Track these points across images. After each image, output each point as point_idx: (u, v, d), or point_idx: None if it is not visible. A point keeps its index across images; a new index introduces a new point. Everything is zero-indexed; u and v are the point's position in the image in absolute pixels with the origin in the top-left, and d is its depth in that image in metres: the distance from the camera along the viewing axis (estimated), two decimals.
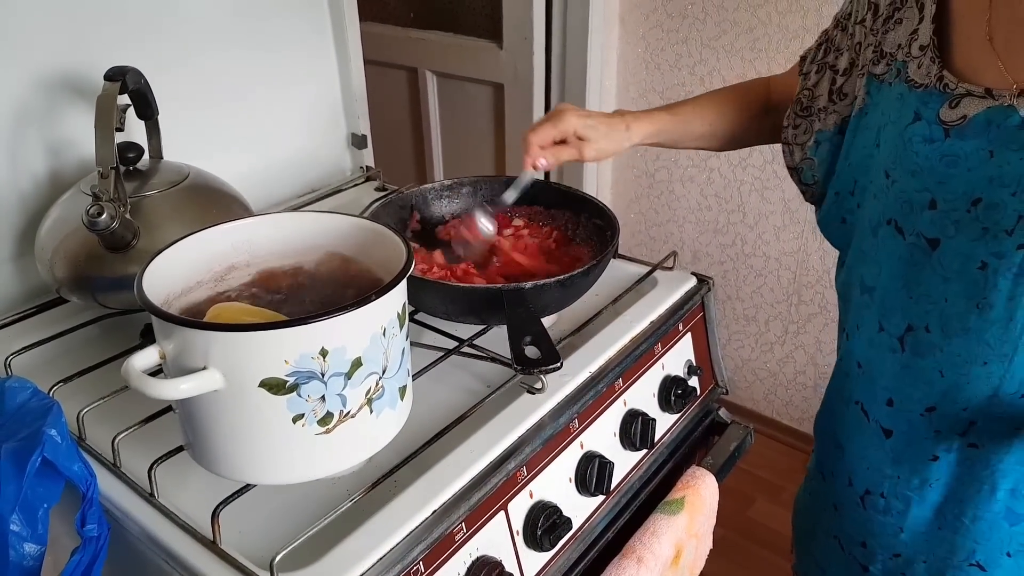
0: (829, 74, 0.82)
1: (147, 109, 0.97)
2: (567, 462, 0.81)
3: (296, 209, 1.24)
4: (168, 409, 0.73)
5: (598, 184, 2.25)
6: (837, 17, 0.82)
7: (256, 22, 1.20)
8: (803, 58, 0.86)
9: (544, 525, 0.76)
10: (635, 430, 0.88)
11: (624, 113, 0.93)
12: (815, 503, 0.94)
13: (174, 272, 0.67)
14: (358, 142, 1.42)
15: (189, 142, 1.06)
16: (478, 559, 0.70)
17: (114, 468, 0.72)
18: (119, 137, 0.84)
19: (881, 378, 0.77)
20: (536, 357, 0.71)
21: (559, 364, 0.70)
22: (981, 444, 0.72)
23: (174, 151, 1.02)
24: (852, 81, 0.80)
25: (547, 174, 2.28)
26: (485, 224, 0.96)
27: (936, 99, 0.68)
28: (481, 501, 0.70)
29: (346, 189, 1.34)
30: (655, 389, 0.94)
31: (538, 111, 2.19)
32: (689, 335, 1.00)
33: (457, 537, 0.68)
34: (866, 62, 0.76)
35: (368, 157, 1.44)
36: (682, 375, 0.98)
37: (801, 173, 0.89)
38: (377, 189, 1.34)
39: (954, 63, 0.68)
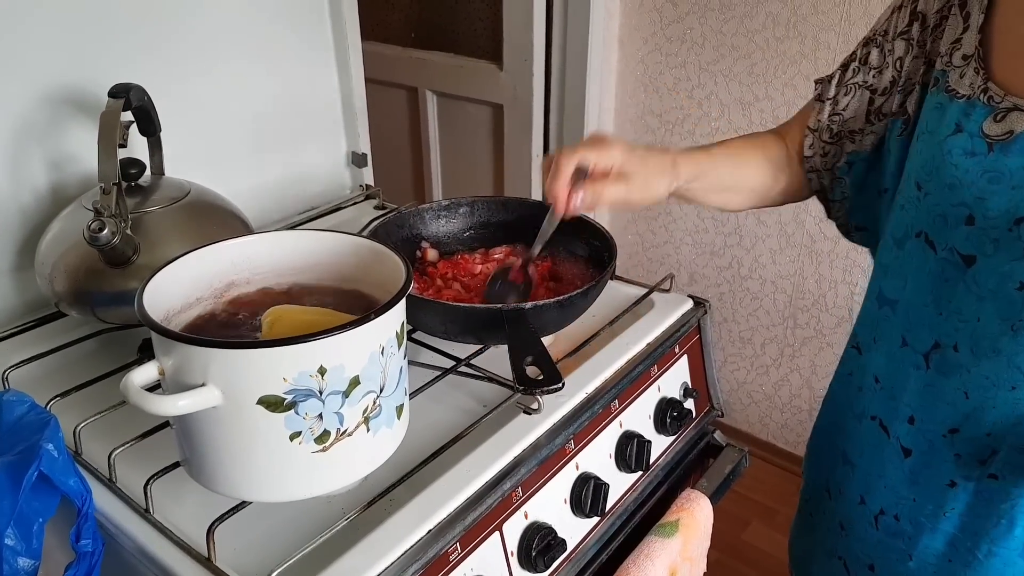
0: (866, 95, 0.79)
1: (150, 126, 0.98)
2: (562, 483, 0.81)
3: (296, 226, 1.25)
4: (164, 425, 0.73)
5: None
6: (868, 37, 0.80)
7: (259, 40, 1.21)
8: (821, 83, 0.84)
9: (539, 546, 0.75)
10: (630, 452, 0.88)
11: (665, 149, 0.83)
12: (818, 522, 0.92)
13: (174, 288, 0.67)
14: (358, 160, 1.43)
15: (190, 159, 1.06)
16: None
17: (110, 483, 0.72)
18: (122, 153, 0.84)
19: (903, 394, 0.75)
20: (538, 377, 0.71)
21: (561, 384, 0.70)
22: (1002, 476, 0.70)
23: (175, 168, 1.02)
24: (892, 100, 0.77)
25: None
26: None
27: (980, 111, 0.66)
28: (476, 521, 0.70)
29: (345, 207, 1.35)
30: (651, 411, 0.94)
31: (537, 132, 2.21)
32: (685, 357, 1.00)
33: (452, 557, 0.68)
34: (912, 75, 0.75)
35: (368, 175, 1.45)
36: (678, 397, 0.99)
37: (830, 192, 0.87)
38: (376, 207, 1.34)
39: (996, 75, 0.66)
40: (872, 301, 0.79)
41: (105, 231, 0.78)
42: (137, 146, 0.98)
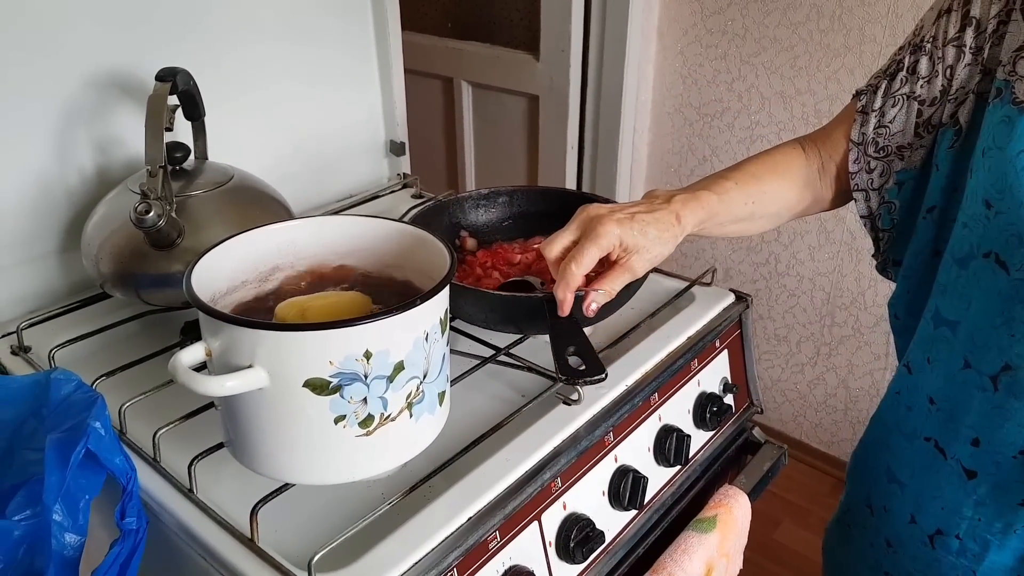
0: (914, 106, 0.75)
1: (195, 110, 0.98)
2: (601, 475, 0.80)
3: (336, 213, 1.25)
4: (208, 406, 0.74)
5: (630, 198, 2.25)
6: (914, 44, 0.76)
7: (302, 29, 1.22)
8: (862, 92, 0.80)
9: (577, 537, 0.75)
10: (669, 446, 0.87)
11: (669, 200, 0.76)
12: (857, 535, 0.90)
13: (221, 271, 0.68)
14: (396, 149, 1.43)
15: (233, 144, 1.07)
16: (511, 568, 0.70)
17: (154, 462, 0.72)
18: (167, 137, 0.85)
19: (965, 416, 0.73)
20: (580, 368, 0.71)
21: (604, 375, 0.69)
22: None
23: (218, 152, 1.03)
24: (942, 110, 0.74)
25: (579, 183, 2.29)
26: None
27: None
28: (515, 511, 0.70)
29: (383, 196, 1.35)
30: (690, 405, 0.93)
31: (573, 124, 2.19)
32: (726, 352, 0.99)
33: (491, 545, 0.68)
34: (964, 84, 0.72)
35: (405, 164, 1.45)
36: (718, 392, 0.97)
37: (878, 219, 0.82)
38: (414, 196, 1.34)
39: None
40: (927, 321, 0.76)
41: (151, 213, 0.79)
42: (181, 130, 0.99)
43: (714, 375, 0.97)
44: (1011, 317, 0.67)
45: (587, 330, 0.92)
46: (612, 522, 0.81)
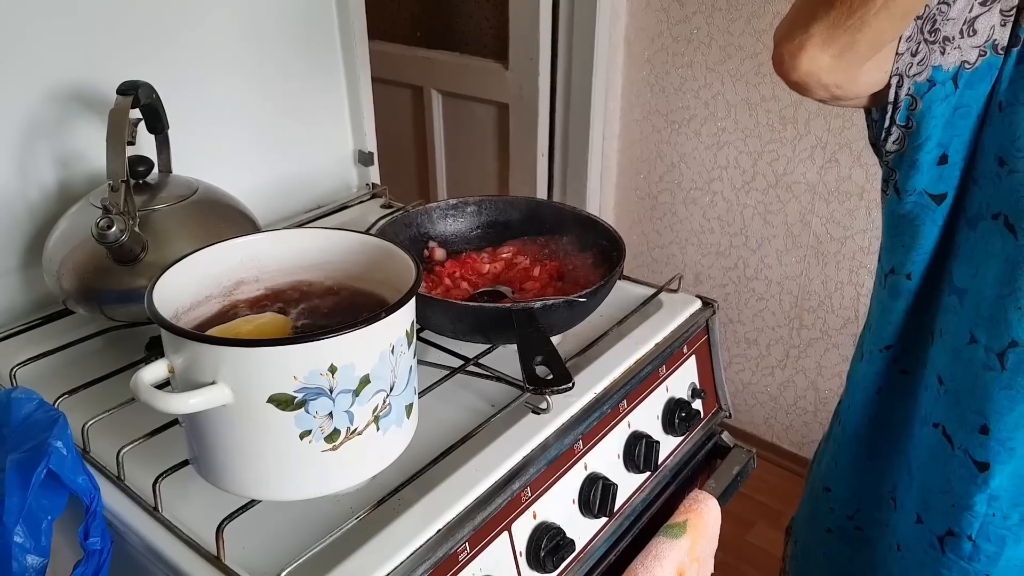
0: None
1: (158, 123, 0.98)
2: (571, 483, 0.81)
3: (302, 225, 1.25)
4: (173, 423, 0.73)
5: (601, 205, 2.26)
6: None
7: (267, 38, 1.21)
8: None
9: (547, 547, 0.75)
10: (639, 452, 0.88)
11: None
12: (877, 538, 0.84)
13: (184, 286, 0.67)
14: (365, 159, 1.42)
15: (198, 157, 1.06)
16: None
17: (118, 481, 0.71)
18: (130, 151, 0.84)
19: (971, 400, 0.68)
20: (548, 377, 0.71)
21: (571, 384, 0.70)
22: None
23: (183, 166, 1.02)
24: (987, 19, 0.64)
25: (550, 191, 2.30)
26: None
27: None
28: (485, 521, 0.70)
29: (352, 206, 1.34)
30: (659, 411, 0.94)
31: (542, 132, 2.20)
32: (693, 358, 1.00)
33: (461, 557, 0.68)
34: (1009, 8, 0.63)
35: (374, 174, 1.45)
36: (686, 398, 0.98)
37: (897, 111, 0.68)
38: (383, 206, 1.34)
39: None
40: (941, 286, 0.70)
41: (113, 228, 0.78)
42: (145, 144, 0.98)
43: (682, 381, 0.98)
44: (1019, 287, 0.63)
45: (555, 339, 0.93)
46: (582, 530, 0.82)
